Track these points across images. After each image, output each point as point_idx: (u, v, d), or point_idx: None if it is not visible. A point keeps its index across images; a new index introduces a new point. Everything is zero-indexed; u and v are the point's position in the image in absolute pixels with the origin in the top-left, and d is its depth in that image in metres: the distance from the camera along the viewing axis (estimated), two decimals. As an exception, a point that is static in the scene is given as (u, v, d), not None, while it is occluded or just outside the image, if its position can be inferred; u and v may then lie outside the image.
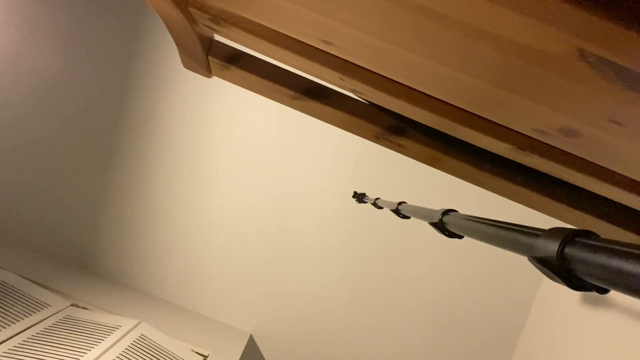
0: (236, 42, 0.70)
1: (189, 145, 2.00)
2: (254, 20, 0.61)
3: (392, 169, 1.88)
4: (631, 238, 0.69)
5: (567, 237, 0.26)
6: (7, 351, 1.33)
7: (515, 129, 0.58)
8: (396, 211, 0.91)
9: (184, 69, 0.82)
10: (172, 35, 0.72)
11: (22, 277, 1.74)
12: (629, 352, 1.13)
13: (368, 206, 1.41)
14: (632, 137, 0.43)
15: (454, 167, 0.76)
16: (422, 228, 1.81)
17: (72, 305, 1.72)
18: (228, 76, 0.79)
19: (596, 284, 0.23)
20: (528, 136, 0.57)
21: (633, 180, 0.58)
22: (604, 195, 0.65)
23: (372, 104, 0.77)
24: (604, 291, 0.24)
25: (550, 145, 0.56)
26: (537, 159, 0.62)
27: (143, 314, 1.83)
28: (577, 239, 0.26)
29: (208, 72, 0.81)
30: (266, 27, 0.62)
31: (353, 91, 0.71)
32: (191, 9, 0.63)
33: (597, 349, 1.27)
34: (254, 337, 2.07)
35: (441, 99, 0.60)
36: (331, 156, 1.92)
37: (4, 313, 1.50)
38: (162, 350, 1.58)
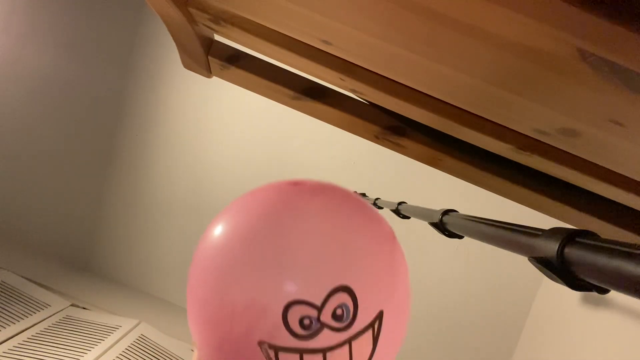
0: (236, 42, 0.70)
1: (190, 145, 2.00)
2: (254, 20, 0.61)
3: (392, 169, 1.88)
4: (631, 238, 0.69)
5: (567, 237, 0.26)
6: (7, 351, 1.33)
7: (515, 129, 0.58)
8: (396, 211, 0.91)
9: (184, 69, 0.82)
10: (172, 36, 0.72)
11: (22, 277, 1.74)
12: (629, 352, 1.13)
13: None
14: (632, 137, 0.43)
15: (454, 167, 0.76)
16: (422, 229, 1.80)
17: (72, 305, 1.72)
18: (228, 76, 0.79)
19: (596, 284, 0.23)
20: (528, 136, 0.57)
21: (633, 180, 0.58)
22: (604, 195, 0.65)
23: (372, 104, 0.77)
24: (604, 291, 0.24)
25: (550, 145, 0.56)
26: (537, 159, 0.62)
27: (143, 314, 1.82)
28: (577, 239, 0.26)
29: (208, 72, 0.81)
30: (266, 27, 0.62)
31: (353, 91, 0.71)
32: (191, 9, 0.63)
33: (597, 349, 1.27)
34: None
35: (441, 99, 0.60)
36: (331, 156, 1.92)
37: (4, 313, 1.49)
38: (162, 350, 1.58)
